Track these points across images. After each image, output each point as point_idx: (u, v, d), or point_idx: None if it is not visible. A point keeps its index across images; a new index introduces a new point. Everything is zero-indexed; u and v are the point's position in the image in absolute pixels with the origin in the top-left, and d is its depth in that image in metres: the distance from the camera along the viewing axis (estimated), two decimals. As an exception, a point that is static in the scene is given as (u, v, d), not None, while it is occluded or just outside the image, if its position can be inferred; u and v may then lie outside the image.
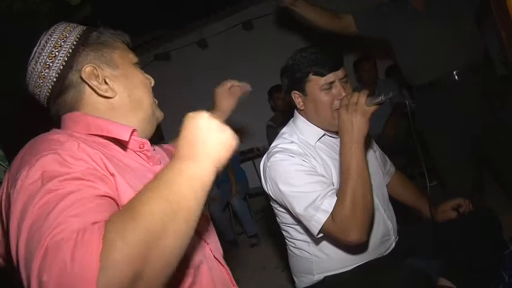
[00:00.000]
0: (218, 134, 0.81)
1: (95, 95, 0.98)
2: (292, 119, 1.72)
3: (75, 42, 0.97)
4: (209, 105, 5.86)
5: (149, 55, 5.50)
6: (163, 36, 5.51)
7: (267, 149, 1.66)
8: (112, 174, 0.83)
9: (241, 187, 4.77)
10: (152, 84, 1.13)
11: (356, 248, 1.52)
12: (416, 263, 1.63)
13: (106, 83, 0.98)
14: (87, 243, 0.62)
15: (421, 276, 1.49)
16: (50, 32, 0.99)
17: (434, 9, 2.27)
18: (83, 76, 0.95)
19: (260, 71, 4.97)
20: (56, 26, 1.01)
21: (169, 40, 5.59)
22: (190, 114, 0.83)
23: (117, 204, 0.80)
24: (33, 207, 0.69)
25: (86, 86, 0.97)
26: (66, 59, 0.96)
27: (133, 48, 1.13)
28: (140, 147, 1.01)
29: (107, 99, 0.99)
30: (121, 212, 0.69)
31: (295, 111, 1.70)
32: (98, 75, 0.97)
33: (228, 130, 0.83)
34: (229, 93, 1.77)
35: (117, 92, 1.00)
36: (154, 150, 1.13)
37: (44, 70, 0.96)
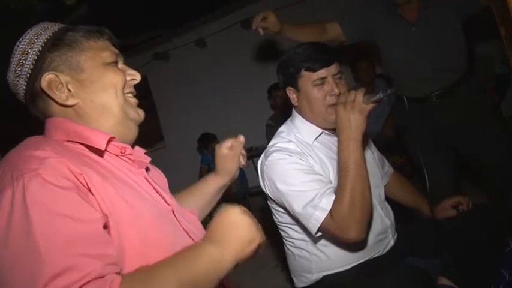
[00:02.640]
0: (247, 234, 0.86)
1: (57, 104, 0.95)
2: (290, 118, 1.72)
3: (40, 48, 0.93)
4: (208, 105, 5.81)
5: (148, 54, 5.50)
6: (162, 35, 5.50)
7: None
8: (93, 194, 0.81)
9: (240, 186, 4.77)
10: (137, 81, 1.07)
11: (355, 246, 1.51)
12: (415, 262, 1.62)
13: (69, 89, 0.94)
14: None
15: (420, 275, 1.48)
16: (22, 37, 0.96)
17: (426, 24, 2.17)
18: (42, 86, 0.92)
19: (259, 70, 4.97)
20: (30, 29, 0.98)
21: (167, 40, 5.59)
22: (228, 208, 0.88)
23: (107, 221, 0.80)
24: (15, 242, 0.69)
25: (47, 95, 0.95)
26: (32, 67, 0.93)
27: (131, 47, 1.09)
28: (122, 152, 0.98)
29: (70, 107, 0.95)
30: (138, 281, 0.73)
31: (293, 110, 1.70)
32: (60, 82, 0.93)
33: (256, 230, 0.88)
34: (230, 154, 1.41)
35: (79, 99, 0.95)
36: (145, 153, 1.11)
37: (15, 79, 0.95)
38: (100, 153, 0.94)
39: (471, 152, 2.31)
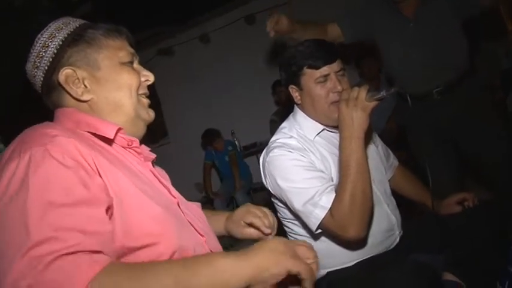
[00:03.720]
0: (272, 258, 0.77)
1: (73, 98, 0.98)
2: (292, 114, 1.71)
3: (61, 43, 0.97)
4: (212, 100, 5.76)
5: (152, 50, 5.50)
6: (166, 31, 5.50)
7: (270, 144, 1.65)
8: (101, 176, 0.83)
9: (244, 182, 4.77)
10: (150, 82, 1.10)
11: (359, 243, 1.51)
12: (421, 258, 1.62)
13: (85, 85, 0.98)
14: (74, 273, 0.65)
15: (425, 270, 1.47)
16: (43, 30, 0.99)
17: (424, 20, 2.16)
18: (59, 80, 0.95)
19: (263, 65, 4.96)
20: (52, 23, 1.01)
21: (171, 35, 5.59)
22: (273, 245, 0.80)
23: (112, 203, 0.81)
24: (8, 206, 0.71)
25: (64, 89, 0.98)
26: (51, 60, 0.96)
27: (136, 43, 1.11)
28: (128, 144, 1.01)
29: (84, 102, 0.99)
30: (126, 270, 0.71)
31: (295, 106, 1.70)
32: (76, 78, 0.97)
33: (287, 260, 0.77)
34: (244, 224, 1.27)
35: (94, 95, 0.98)
36: (150, 150, 1.12)
37: (34, 70, 0.99)
38: (108, 142, 0.97)
39: (472, 150, 2.30)
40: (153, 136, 5.65)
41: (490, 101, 2.39)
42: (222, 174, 5.20)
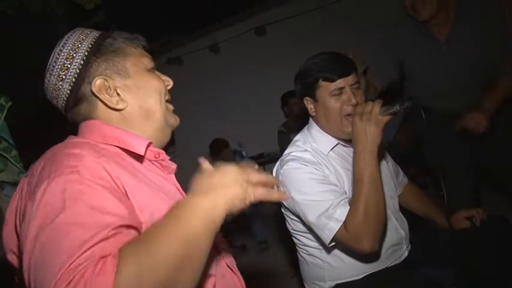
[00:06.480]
0: (237, 177, 0.84)
1: (106, 108, 0.98)
2: (306, 127, 1.72)
3: (86, 53, 0.96)
4: (220, 110, 5.76)
5: (161, 59, 5.54)
6: (176, 40, 5.55)
7: (278, 155, 1.65)
8: (128, 197, 0.83)
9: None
10: (170, 87, 1.10)
11: (369, 256, 1.51)
12: (428, 273, 1.61)
13: (117, 93, 0.97)
14: (101, 275, 0.63)
15: (433, 286, 1.47)
16: (63, 42, 0.98)
17: (457, 42, 2.11)
18: (93, 90, 0.95)
19: (272, 77, 4.98)
20: (69, 34, 1.00)
21: (181, 44, 5.64)
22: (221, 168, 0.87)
23: (137, 222, 0.80)
24: (50, 229, 0.70)
25: (98, 99, 0.97)
26: (78, 71, 0.95)
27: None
28: (156, 157, 1.01)
29: (118, 111, 0.98)
30: (136, 246, 0.70)
31: (310, 118, 1.71)
32: (109, 87, 0.97)
33: (241, 175, 0.85)
34: None
35: (128, 103, 0.98)
36: (170, 159, 1.13)
37: (58, 82, 0.97)
38: (137, 157, 0.96)
39: (497, 168, 2.29)
40: (164, 147, 5.67)
41: None
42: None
